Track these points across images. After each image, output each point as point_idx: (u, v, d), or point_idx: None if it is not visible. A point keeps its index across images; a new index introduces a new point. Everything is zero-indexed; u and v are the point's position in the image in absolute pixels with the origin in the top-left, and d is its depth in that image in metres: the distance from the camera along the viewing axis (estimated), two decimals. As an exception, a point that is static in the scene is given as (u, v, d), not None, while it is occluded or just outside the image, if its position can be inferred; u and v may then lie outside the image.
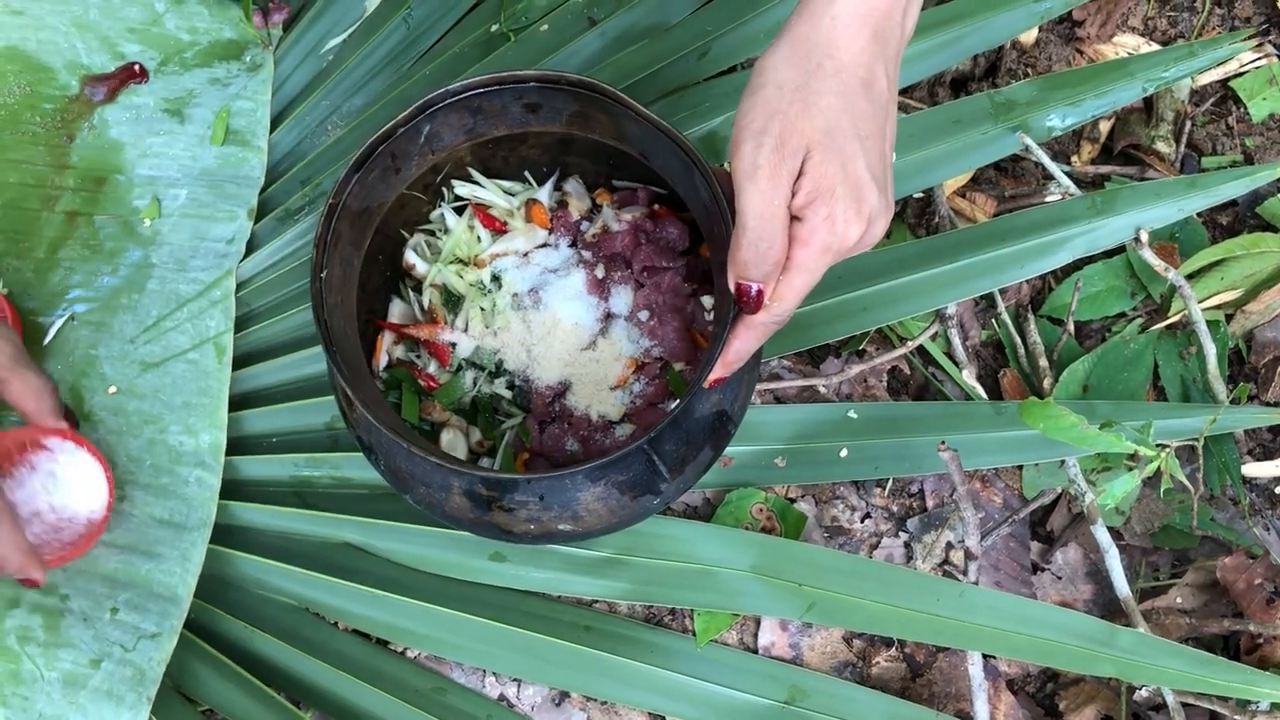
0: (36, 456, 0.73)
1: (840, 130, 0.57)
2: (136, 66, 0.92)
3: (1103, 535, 0.79)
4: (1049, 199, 0.92)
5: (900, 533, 0.86)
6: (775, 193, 0.57)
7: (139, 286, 0.85)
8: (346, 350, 0.68)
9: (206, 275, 0.85)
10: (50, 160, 0.89)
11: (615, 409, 0.76)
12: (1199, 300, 0.87)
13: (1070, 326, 0.89)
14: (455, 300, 0.80)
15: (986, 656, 0.80)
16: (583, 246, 0.80)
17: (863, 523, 0.86)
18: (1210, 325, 0.86)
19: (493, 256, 0.80)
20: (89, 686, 0.74)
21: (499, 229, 0.81)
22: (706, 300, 0.78)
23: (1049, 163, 0.89)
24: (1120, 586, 0.79)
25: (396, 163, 0.72)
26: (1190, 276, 0.88)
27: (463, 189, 0.80)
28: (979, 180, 0.96)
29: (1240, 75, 0.99)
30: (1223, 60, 0.93)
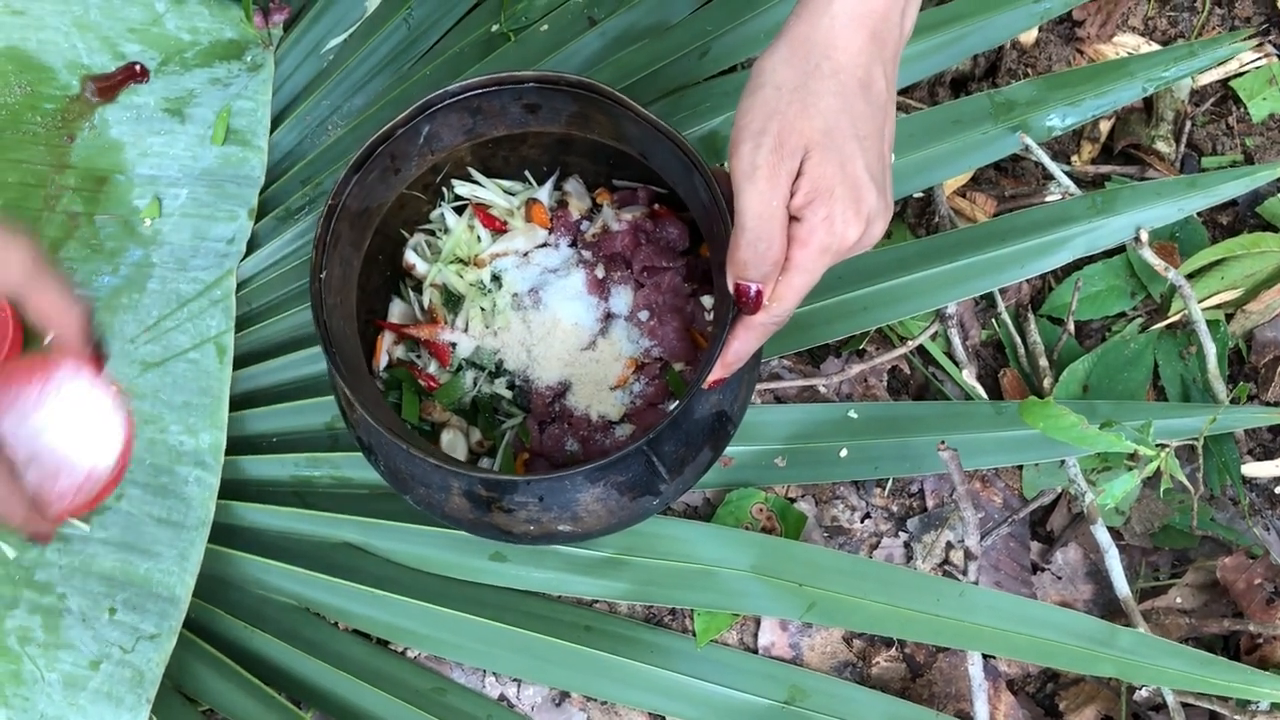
0: (47, 389, 0.61)
1: (838, 131, 0.57)
2: (138, 66, 0.92)
3: (1103, 535, 0.79)
4: (1049, 199, 0.92)
5: (900, 533, 0.86)
6: (773, 193, 0.57)
7: (139, 286, 0.85)
8: (346, 351, 0.68)
9: (207, 275, 0.85)
10: (51, 160, 0.90)
11: (615, 409, 0.76)
12: (1199, 300, 0.87)
13: (1070, 326, 0.89)
14: (455, 300, 0.80)
15: (986, 656, 0.80)
16: (583, 246, 0.80)
17: (863, 523, 0.86)
18: (1210, 325, 0.86)
19: (493, 256, 0.80)
20: (89, 688, 0.74)
21: (499, 229, 0.81)
22: (707, 300, 0.78)
23: (1049, 162, 0.89)
24: (1120, 586, 0.79)
25: (396, 163, 0.72)
26: (1190, 276, 0.88)
27: (463, 189, 0.80)
28: (979, 180, 0.96)
29: (1240, 75, 0.99)
30: (1223, 60, 0.93)
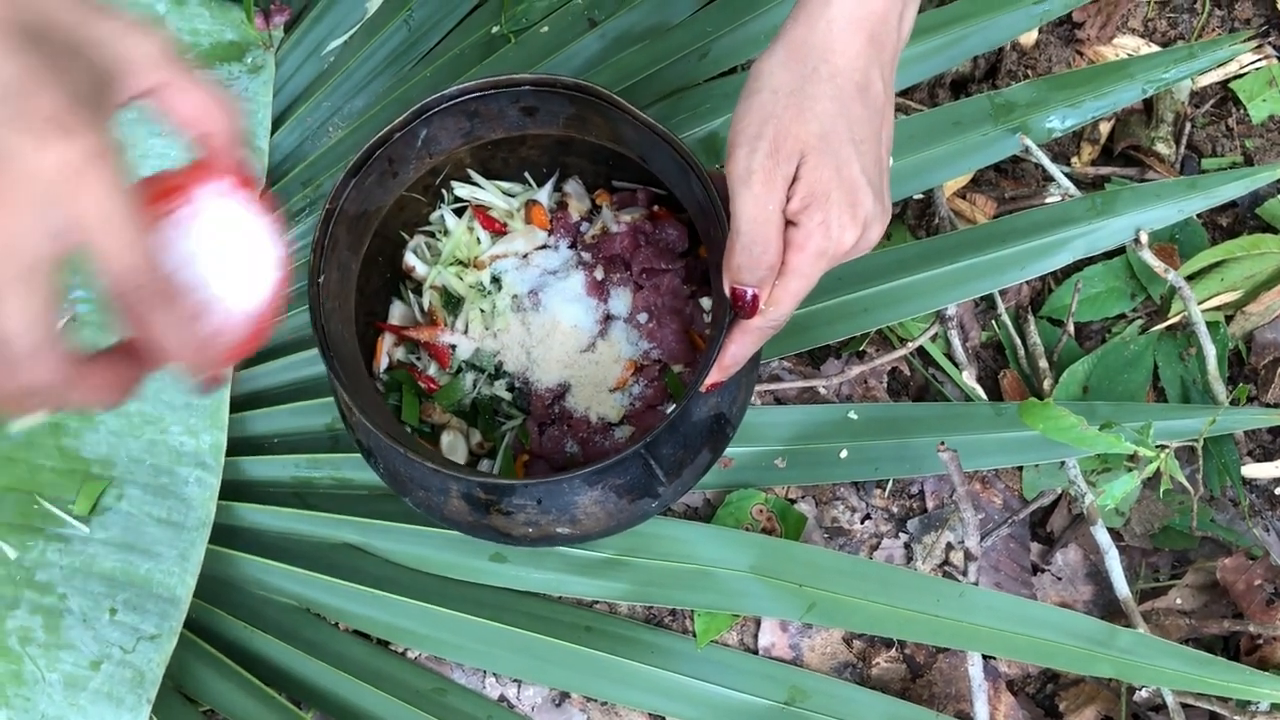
0: (196, 208, 0.48)
1: (835, 135, 0.57)
2: None
3: (1102, 536, 0.79)
4: (1049, 200, 0.92)
5: (900, 534, 0.86)
6: (769, 198, 0.57)
7: (140, 287, 0.85)
8: (344, 355, 0.68)
9: (208, 276, 0.85)
10: (52, 162, 0.90)
11: (614, 411, 0.76)
12: (1199, 301, 0.87)
13: (1070, 328, 0.89)
14: (455, 302, 0.80)
15: (986, 657, 0.80)
16: (582, 248, 0.80)
17: (863, 524, 0.86)
18: (1210, 326, 0.86)
19: (492, 258, 0.80)
20: (89, 688, 0.74)
21: (499, 230, 0.81)
22: (705, 302, 0.78)
23: (1049, 164, 0.89)
24: (1120, 587, 0.79)
25: (394, 166, 0.72)
26: (1190, 278, 0.88)
27: (462, 190, 0.81)
28: (979, 181, 0.96)
29: (1240, 77, 0.99)
30: (1222, 62, 0.93)
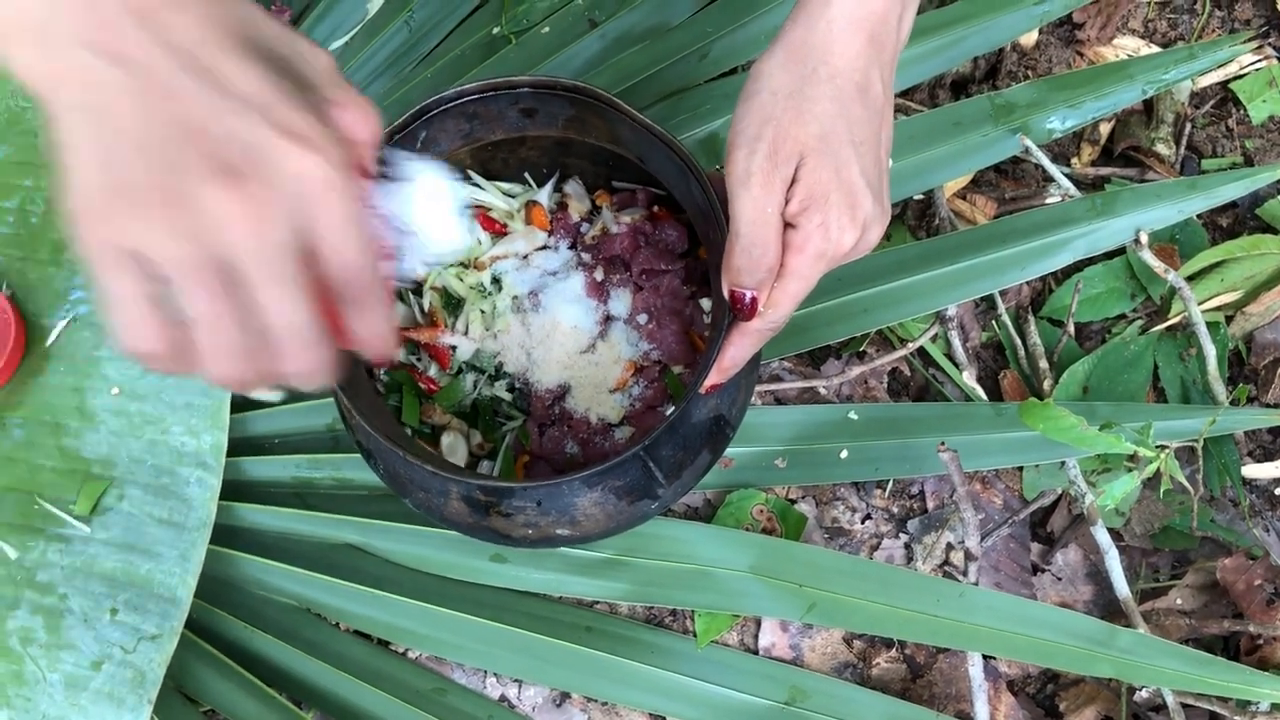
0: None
1: (834, 136, 0.56)
2: None
3: (1103, 536, 0.80)
4: (1049, 201, 0.92)
5: (900, 534, 0.86)
6: (768, 200, 0.57)
7: (141, 288, 0.85)
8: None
9: (208, 277, 0.85)
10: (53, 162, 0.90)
11: (614, 411, 0.76)
12: (1199, 302, 0.87)
13: (1070, 328, 0.89)
14: (455, 303, 0.80)
15: (986, 657, 0.80)
16: (582, 249, 0.80)
17: (863, 524, 0.86)
18: (1210, 327, 0.86)
19: (492, 259, 0.80)
20: (90, 688, 0.74)
21: (499, 231, 0.81)
22: (705, 303, 0.78)
23: (1049, 164, 0.89)
24: (1120, 587, 0.79)
25: (395, 166, 0.73)
26: (1190, 278, 0.88)
27: (462, 190, 0.81)
28: (979, 182, 0.96)
29: (1240, 77, 0.99)
30: (1222, 62, 0.93)
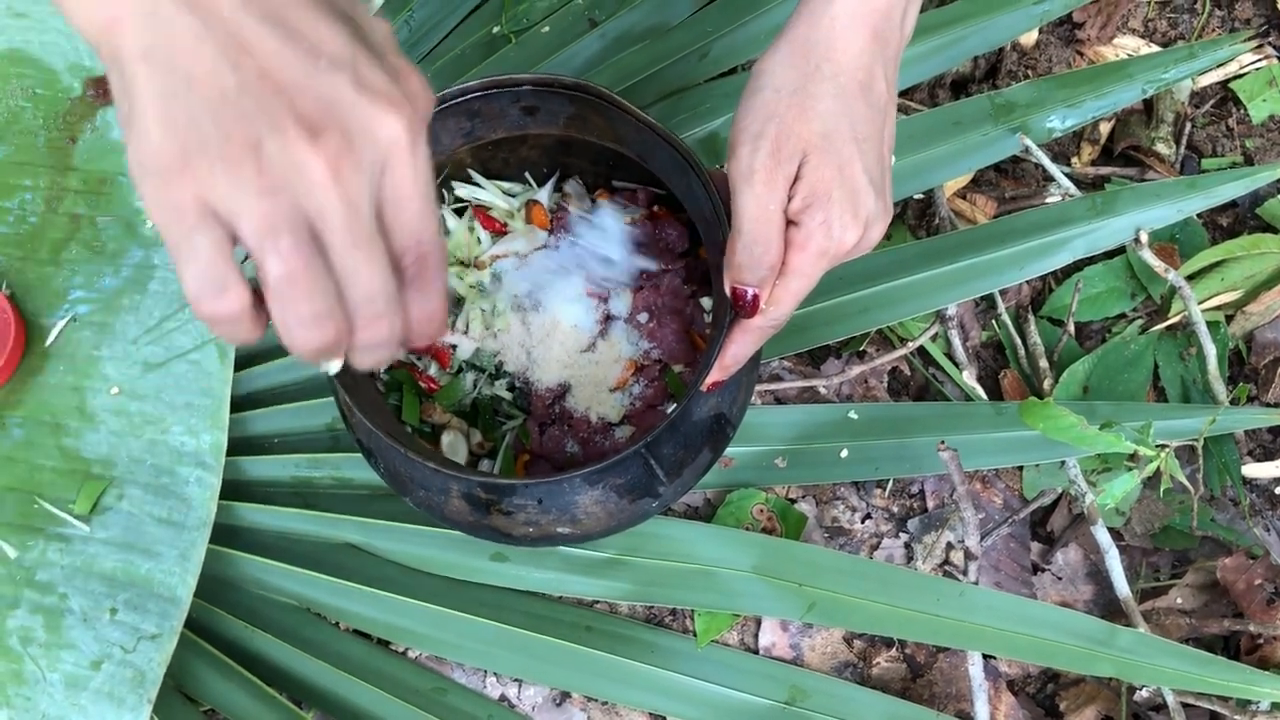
0: None
1: (838, 134, 0.56)
2: None
3: (1103, 536, 0.80)
4: (1049, 200, 0.92)
5: (901, 533, 0.86)
6: (771, 197, 0.57)
7: (141, 287, 0.85)
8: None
9: (208, 276, 0.85)
10: (53, 162, 0.90)
11: (615, 411, 0.76)
12: (1199, 301, 0.87)
13: (1070, 327, 0.89)
14: (455, 302, 0.80)
15: (987, 657, 0.80)
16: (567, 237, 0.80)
17: (863, 523, 0.86)
18: (1210, 326, 0.86)
19: (493, 258, 0.80)
20: (90, 688, 0.74)
21: (499, 230, 0.81)
22: (706, 302, 0.78)
23: (1049, 164, 0.89)
24: (1120, 587, 0.79)
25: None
26: (1190, 278, 0.88)
27: (462, 190, 0.81)
28: (979, 182, 0.96)
29: (1240, 77, 0.99)
30: (1222, 61, 0.93)
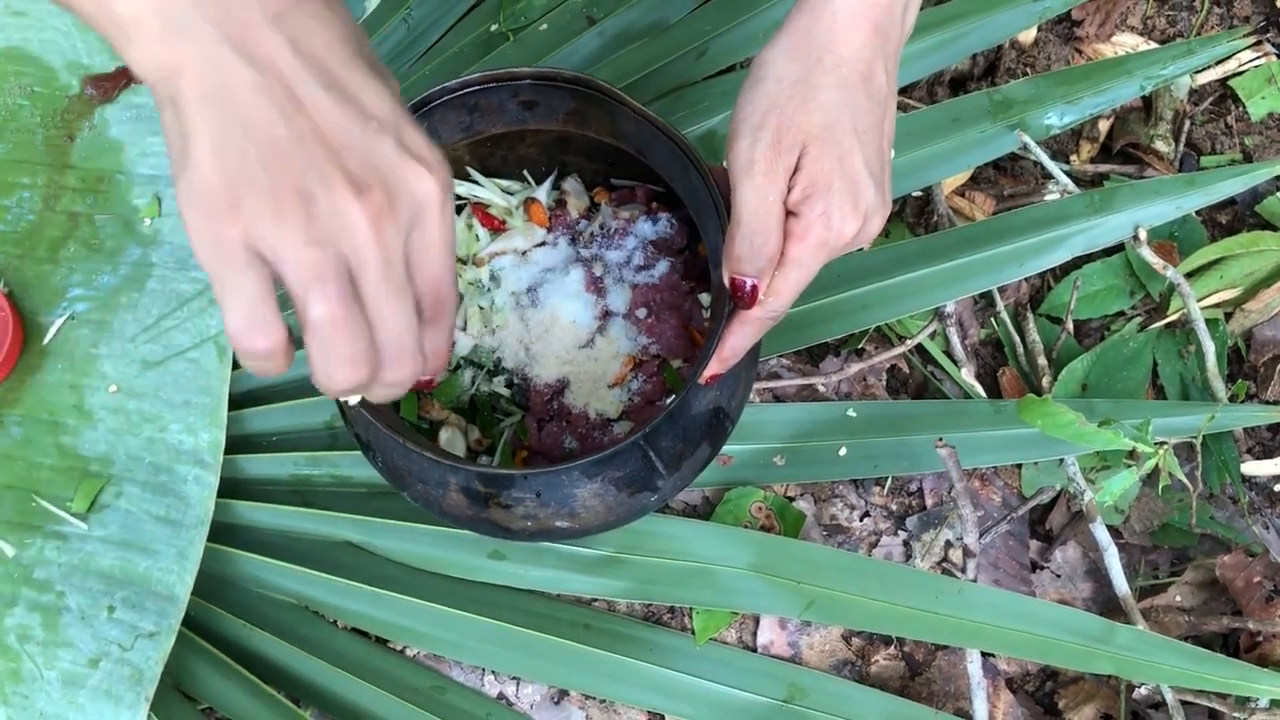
0: None
1: (838, 125, 0.57)
2: None
3: (1102, 533, 0.79)
4: (1048, 198, 0.92)
5: (899, 531, 0.86)
6: (771, 188, 0.57)
7: (139, 285, 0.85)
8: None
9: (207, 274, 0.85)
10: (51, 160, 0.90)
11: (613, 407, 0.76)
12: (1198, 299, 0.87)
13: (1069, 325, 0.89)
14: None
15: (985, 655, 0.80)
16: (581, 245, 0.80)
17: (861, 521, 0.86)
18: (1209, 324, 0.86)
19: (491, 255, 0.80)
20: (88, 686, 0.74)
21: (497, 228, 0.81)
22: (704, 298, 0.78)
23: (1047, 161, 0.89)
24: (1119, 585, 0.79)
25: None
26: (1189, 275, 0.88)
27: (461, 188, 0.81)
28: (978, 179, 0.96)
29: (1239, 74, 0.99)
30: (1221, 58, 0.93)
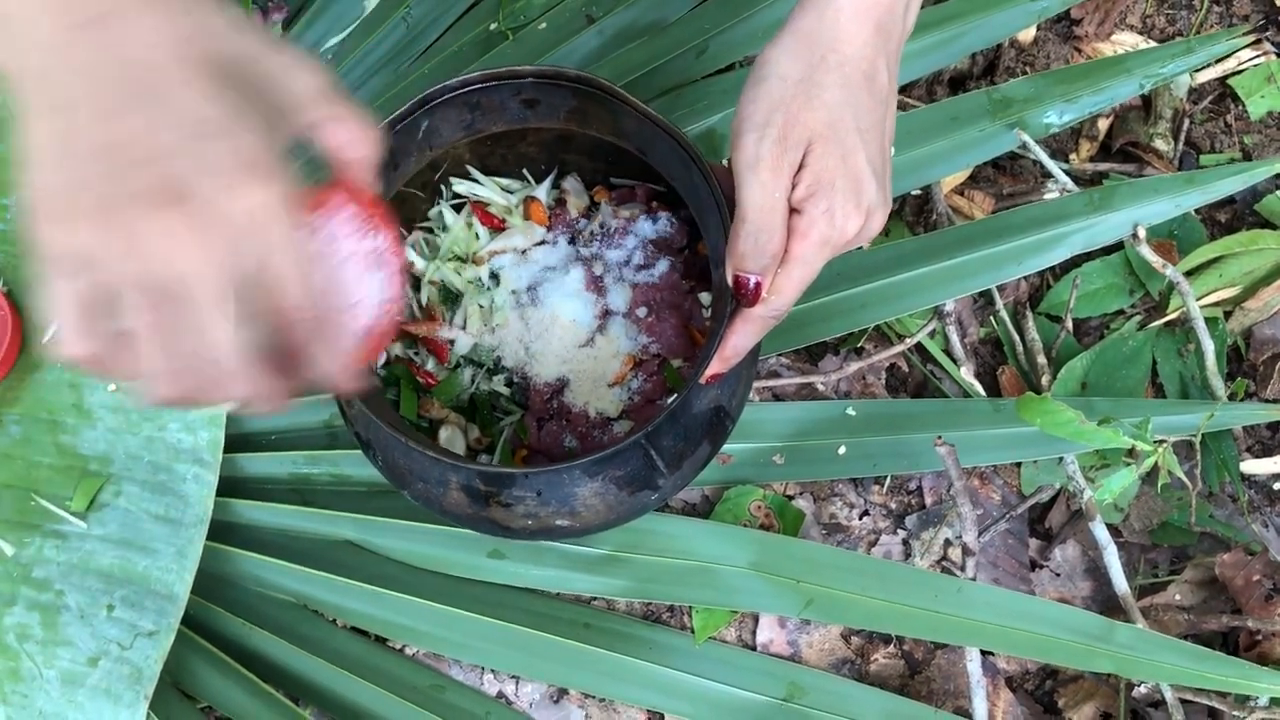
0: (326, 223, 0.50)
1: (842, 123, 0.57)
2: None
3: (1101, 532, 0.79)
4: (1047, 196, 0.92)
5: (898, 530, 0.86)
6: (776, 184, 0.57)
7: (138, 284, 0.85)
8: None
9: (205, 273, 0.85)
10: (49, 159, 0.89)
11: (613, 406, 0.76)
12: (1197, 297, 0.87)
13: (1068, 323, 0.89)
14: (453, 297, 0.80)
15: (985, 653, 0.80)
16: (581, 244, 0.80)
17: (861, 520, 0.86)
18: (1209, 322, 0.86)
19: (491, 254, 0.80)
20: (87, 685, 0.74)
21: (497, 226, 0.81)
22: (704, 297, 0.78)
23: (1046, 159, 0.89)
24: (1119, 583, 0.79)
25: (395, 158, 0.72)
26: (1189, 274, 0.88)
27: (461, 186, 0.80)
28: (977, 178, 0.96)
29: (1238, 73, 0.99)
30: (1220, 57, 0.93)
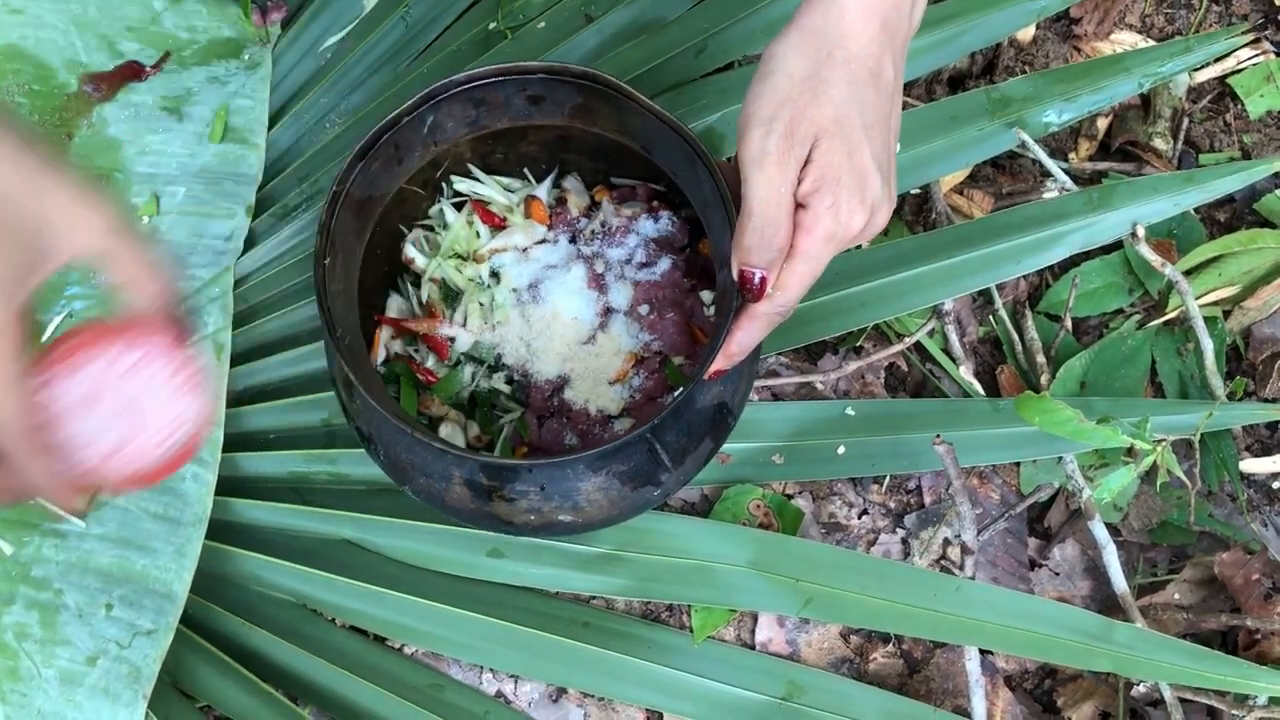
0: (119, 358, 0.52)
1: (848, 119, 0.57)
2: (139, 65, 0.92)
3: (1100, 531, 0.79)
4: (1046, 195, 0.92)
5: (898, 529, 0.86)
6: (782, 179, 0.57)
7: (137, 283, 0.85)
8: (349, 337, 0.68)
9: (205, 272, 0.85)
10: (49, 158, 0.90)
11: (614, 403, 0.76)
12: (1196, 296, 0.87)
13: (1068, 323, 0.89)
14: (454, 295, 0.80)
15: (984, 652, 0.80)
16: (582, 242, 0.80)
17: (860, 519, 0.86)
18: (1208, 321, 0.86)
19: (492, 252, 0.80)
20: (85, 684, 0.74)
21: (498, 225, 0.81)
22: (706, 295, 0.78)
23: (1045, 158, 0.89)
24: (1118, 582, 0.79)
25: (399, 153, 0.72)
26: (1188, 273, 0.88)
27: (462, 184, 0.81)
28: (976, 177, 0.96)
29: (1238, 72, 0.99)
30: (1219, 56, 0.93)
